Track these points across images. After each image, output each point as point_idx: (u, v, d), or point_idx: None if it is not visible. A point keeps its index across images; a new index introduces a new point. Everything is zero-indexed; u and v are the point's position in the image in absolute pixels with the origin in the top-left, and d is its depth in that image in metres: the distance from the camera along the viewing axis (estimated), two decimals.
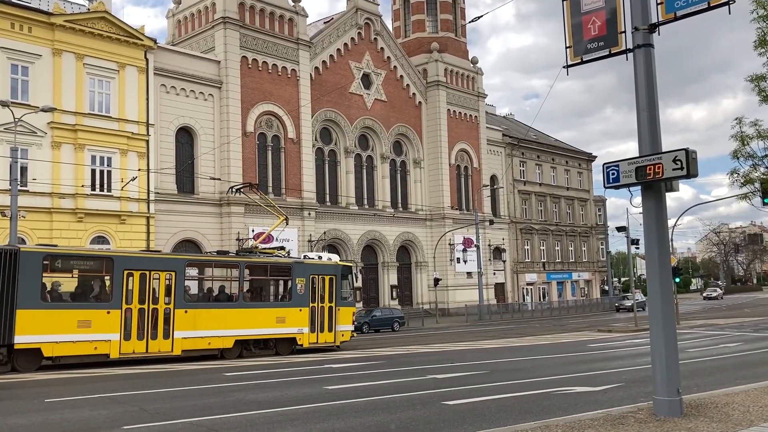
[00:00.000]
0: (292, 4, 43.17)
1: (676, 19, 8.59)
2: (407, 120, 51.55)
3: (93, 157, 32.49)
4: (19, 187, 25.25)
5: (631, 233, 42.82)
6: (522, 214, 61.88)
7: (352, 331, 25.97)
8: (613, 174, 9.17)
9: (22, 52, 30.70)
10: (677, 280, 41.39)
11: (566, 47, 9.62)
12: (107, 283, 19.83)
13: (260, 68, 40.71)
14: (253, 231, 38.55)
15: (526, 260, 61.90)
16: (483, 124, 57.34)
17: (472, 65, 57.10)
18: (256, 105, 40.26)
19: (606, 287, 74.20)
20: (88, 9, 35.31)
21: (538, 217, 63.91)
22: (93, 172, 32.43)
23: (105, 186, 32.69)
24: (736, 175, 22.11)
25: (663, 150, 8.90)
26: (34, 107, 28.19)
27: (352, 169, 47.26)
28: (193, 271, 22.63)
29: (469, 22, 15.17)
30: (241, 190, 28.25)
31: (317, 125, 44.96)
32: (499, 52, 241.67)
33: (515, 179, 61.52)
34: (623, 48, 9.10)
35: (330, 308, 24.38)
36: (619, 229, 45.92)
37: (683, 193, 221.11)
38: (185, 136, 37.84)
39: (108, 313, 19.23)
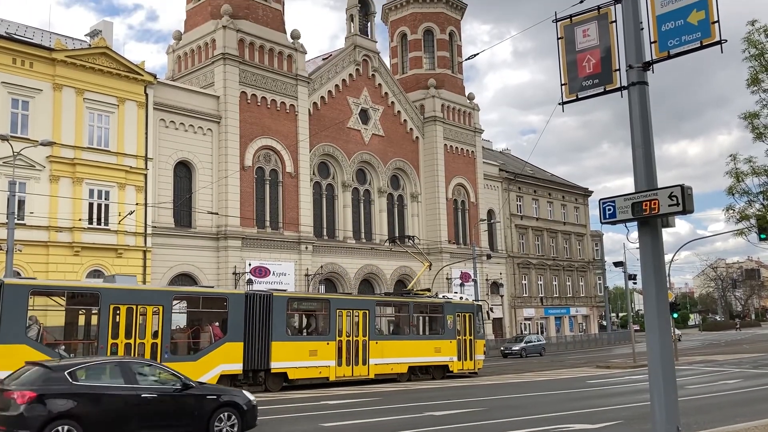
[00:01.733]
0: (292, 41, 43.75)
1: (669, 57, 8.72)
2: (404, 155, 51.87)
3: (91, 191, 32.54)
4: (16, 221, 25.24)
5: (629, 268, 42.87)
6: (519, 249, 61.88)
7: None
8: (609, 210, 9.20)
9: (23, 86, 30.98)
10: (675, 315, 41.21)
11: (561, 84, 9.73)
12: (326, 320, 24.60)
13: (259, 103, 41.07)
14: (249, 265, 38.48)
15: (524, 295, 61.70)
16: (480, 159, 57.70)
17: (468, 101, 57.69)
18: (255, 139, 40.52)
19: (604, 322, 73.85)
20: (90, 45, 35.77)
21: (535, 251, 63.90)
22: (90, 205, 32.45)
23: (102, 220, 32.69)
24: (731, 212, 22.16)
25: (659, 186, 8.95)
26: (33, 141, 28.34)
27: (350, 203, 47.38)
28: (379, 310, 27.38)
29: (466, 60, 15.39)
30: (397, 240, 37.90)
31: (315, 159, 45.19)
32: (497, 88, 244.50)
33: (512, 214, 61.68)
34: (618, 85, 9.21)
35: (470, 340, 29.31)
36: (617, 264, 45.92)
37: (680, 228, 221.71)
38: (183, 170, 37.99)
39: (328, 344, 24.03)
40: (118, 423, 11.22)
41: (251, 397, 12.83)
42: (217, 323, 22.02)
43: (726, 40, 8.11)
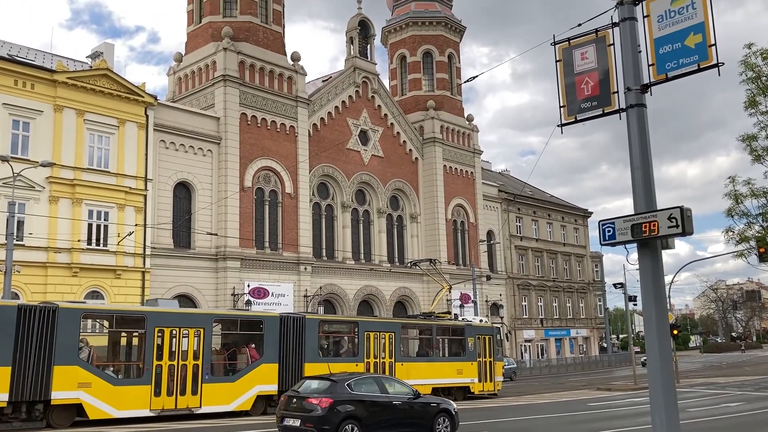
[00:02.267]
0: (292, 63, 44.05)
1: (667, 80, 8.77)
2: (404, 175, 51.98)
3: (90, 212, 32.54)
4: (15, 242, 25.20)
5: (629, 289, 42.66)
6: (519, 270, 61.75)
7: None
8: (608, 231, 9.19)
9: (24, 108, 31.11)
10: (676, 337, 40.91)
11: (560, 106, 9.77)
12: (354, 341, 25.30)
13: (259, 124, 41.24)
14: (248, 286, 38.37)
15: (524, 316, 61.46)
16: (479, 180, 57.81)
17: (467, 122, 57.95)
18: (255, 160, 40.62)
19: (604, 344, 73.46)
20: (91, 66, 35.98)
21: (535, 272, 63.77)
22: (90, 226, 32.42)
23: (101, 241, 32.65)
24: (731, 233, 22.20)
25: (658, 207, 8.95)
26: (33, 162, 28.41)
27: (349, 224, 47.37)
28: (404, 332, 28.02)
29: (465, 82, 15.49)
30: (419, 264, 38.45)
31: (315, 180, 45.27)
32: (496, 109, 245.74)
33: (512, 235, 61.64)
34: (616, 108, 9.25)
35: (490, 362, 29.98)
36: (617, 285, 45.77)
37: (680, 250, 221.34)
38: (183, 191, 38.03)
39: (357, 365, 24.25)
40: (380, 422, 14.87)
41: (456, 405, 16.50)
42: (253, 345, 22.71)
43: (723, 63, 8.16)
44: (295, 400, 14.62)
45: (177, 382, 20.07)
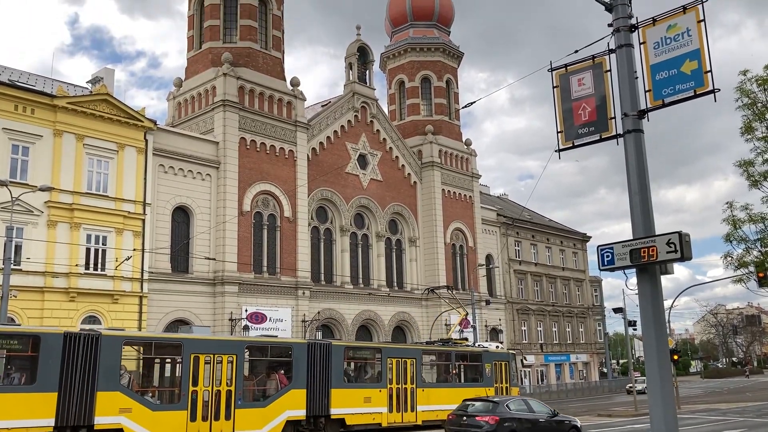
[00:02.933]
0: (291, 88, 44.32)
1: (664, 105, 8.82)
2: (402, 199, 52.04)
3: (88, 236, 32.47)
4: (12, 266, 25.11)
5: (628, 314, 42.42)
6: (518, 294, 61.54)
7: None
8: (607, 256, 9.17)
9: (23, 133, 31.18)
10: (676, 362, 40.67)
11: (557, 132, 9.82)
12: (378, 367, 25.88)
13: (258, 149, 41.37)
14: (246, 311, 38.19)
15: (524, 341, 61.08)
16: (477, 204, 57.88)
17: (466, 147, 58.19)
18: (253, 184, 40.67)
19: (605, 369, 72.96)
20: (91, 92, 36.18)
21: (534, 297, 63.55)
22: (87, 251, 32.33)
23: (99, 265, 32.53)
24: (730, 258, 22.17)
25: (657, 232, 8.94)
26: (32, 186, 28.40)
27: (348, 248, 47.29)
28: (424, 358, 28.45)
29: (463, 108, 15.57)
30: (436, 290, 40.26)
31: (313, 204, 45.29)
32: (494, 134, 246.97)
33: (511, 259, 61.54)
34: (613, 133, 9.29)
35: (506, 387, 30.71)
36: (616, 310, 45.58)
37: (679, 274, 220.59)
38: (181, 215, 38.01)
39: (380, 391, 25.19)
40: None
41: (580, 423, 19.53)
42: (282, 371, 23.09)
43: (719, 89, 8.22)
44: (465, 418, 18.02)
45: (211, 408, 20.42)
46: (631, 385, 45.12)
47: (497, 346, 33.74)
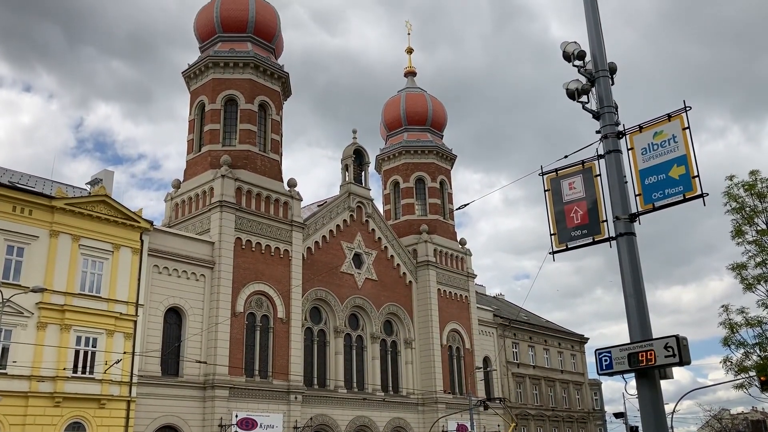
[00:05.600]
0: (288, 189, 44.96)
1: (654, 209, 8.96)
2: (398, 299, 51.63)
3: (78, 338, 31.83)
4: None
5: (630, 419, 41.27)
6: (517, 398, 59.91)
7: None
8: (605, 361, 9.03)
9: (20, 233, 31.19)
10: None
11: (551, 234, 9.90)
12: None
13: (253, 249, 41.41)
14: (236, 417, 36.95)
15: None
16: (473, 304, 57.42)
17: (461, 246, 58.43)
18: (247, 285, 40.41)
19: None
20: (89, 192, 36.57)
21: (533, 401, 61.86)
22: (77, 353, 31.60)
23: (87, 368, 31.69)
24: (729, 363, 21.80)
25: (654, 334, 8.85)
26: (24, 287, 28.16)
27: (342, 350, 46.39)
28: None
29: (457, 209, 15.82)
30: (489, 404, 39.81)
31: (307, 304, 44.84)
32: (489, 233, 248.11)
33: (509, 361, 60.37)
34: (606, 236, 9.38)
35: None
36: (617, 415, 44.37)
37: (680, 377, 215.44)
38: (174, 317, 37.49)
39: None
40: None
41: None
42: None
43: (707, 194, 8.36)
44: None
45: None
46: None
47: None
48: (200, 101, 45.61)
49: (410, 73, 63.23)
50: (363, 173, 52.46)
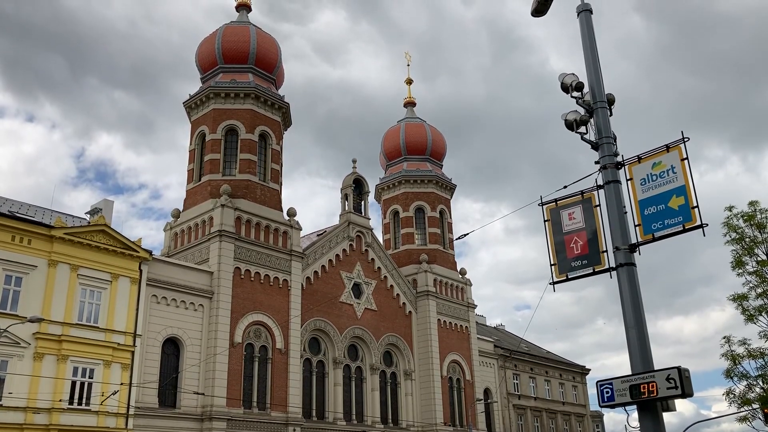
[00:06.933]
0: (287, 218, 44.96)
1: (654, 240, 8.93)
2: (397, 329, 51.27)
3: (75, 369, 31.53)
4: None
5: None
6: (518, 431, 59.14)
7: None
8: (607, 392, 8.93)
9: (18, 263, 31.10)
10: None
11: (551, 264, 9.86)
12: None
13: (252, 278, 41.25)
14: None
15: None
16: (474, 335, 57.01)
17: (460, 276, 58.21)
18: (246, 315, 40.16)
19: None
20: (89, 222, 36.55)
21: None
22: (73, 384, 31.27)
23: (84, 399, 31.34)
24: (732, 396, 21.56)
25: (656, 365, 8.77)
26: (21, 318, 27.97)
27: (341, 381, 45.91)
28: None
29: (457, 239, 15.83)
30: None
31: (306, 335, 44.51)
32: (490, 263, 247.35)
33: (509, 393, 59.74)
34: (606, 266, 9.34)
35: None
36: None
37: (683, 408, 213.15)
38: (171, 347, 37.18)
39: None
40: None
41: None
42: None
43: (707, 224, 8.35)
44: None
45: None
46: None
47: None
48: (201, 131, 45.86)
49: (410, 104, 63.69)
50: (363, 203, 52.52)
